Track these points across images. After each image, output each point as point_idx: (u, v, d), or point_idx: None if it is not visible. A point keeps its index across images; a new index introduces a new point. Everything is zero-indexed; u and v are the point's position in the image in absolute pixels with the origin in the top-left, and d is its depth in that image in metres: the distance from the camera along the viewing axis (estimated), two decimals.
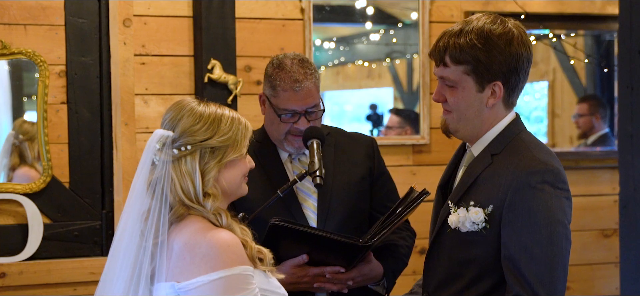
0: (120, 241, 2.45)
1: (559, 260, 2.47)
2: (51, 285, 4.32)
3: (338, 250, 3.02)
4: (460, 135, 2.65)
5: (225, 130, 2.45)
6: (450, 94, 2.60)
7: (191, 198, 2.41)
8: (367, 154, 3.38)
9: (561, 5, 5.20)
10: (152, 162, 2.44)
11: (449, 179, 2.73)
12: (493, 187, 2.51)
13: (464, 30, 2.56)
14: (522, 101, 8.98)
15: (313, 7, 4.79)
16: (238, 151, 2.48)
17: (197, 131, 2.43)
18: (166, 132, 2.44)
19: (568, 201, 2.52)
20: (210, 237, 2.36)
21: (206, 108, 2.47)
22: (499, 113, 2.61)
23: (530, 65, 2.59)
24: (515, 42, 2.55)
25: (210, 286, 2.32)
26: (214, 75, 4.49)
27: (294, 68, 3.19)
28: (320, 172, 3.09)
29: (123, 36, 4.40)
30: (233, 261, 2.35)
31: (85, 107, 4.41)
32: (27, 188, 4.32)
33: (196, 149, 2.42)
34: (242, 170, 2.52)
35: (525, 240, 2.46)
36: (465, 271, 2.57)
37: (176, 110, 2.47)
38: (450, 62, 2.57)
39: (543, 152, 2.54)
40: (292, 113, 3.19)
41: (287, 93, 3.17)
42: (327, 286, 3.07)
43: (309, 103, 3.19)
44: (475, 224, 2.52)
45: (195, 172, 2.41)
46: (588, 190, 5.32)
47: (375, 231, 3.02)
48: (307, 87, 3.18)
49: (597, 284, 5.31)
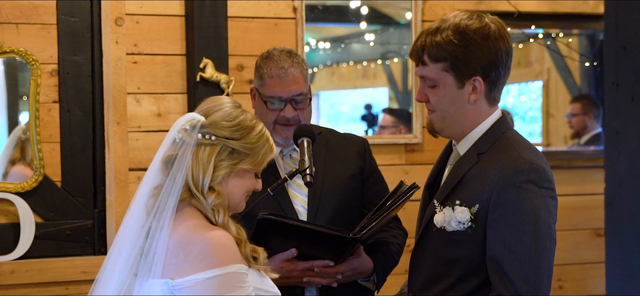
0: (131, 213, 2.47)
1: (544, 259, 2.47)
2: (43, 284, 4.32)
3: (327, 244, 3.03)
4: (446, 133, 2.65)
5: (253, 140, 2.49)
6: (432, 93, 2.61)
7: (198, 186, 2.44)
8: (359, 153, 3.39)
9: (554, 5, 5.20)
10: (173, 139, 2.46)
11: (436, 178, 2.74)
12: (479, 186, 2.51)
13: (441, 27, 2.57)
14: (518, 101, 8.98)
15: (305, 6, 4.79)
16: (254, 164, 2.51)
17: (227, 128, 2.46)
18: (198, 116, 2.47)
19: (553, 200, 2.52)
20: (206, 235, 2.37)
21: (242, 114, 2.51)
22: (483, 109, 2.61)
23: (510, 59, 2.60)
24: (491, 37, 2.56)
25: (204, 285, 2.33)
26: (206, 74, 4.50)
27: (281, 57, 3.26)
28: (311, 170, 3.11)
29: (115, 35, 4.41)
30: (228, 259, 2.36)
31: (77, 106, 4.41)
32: (19, 187, 4.32)
33: (219, 143, 2.45)
34: (248, 185, 2.54)
35: (509, 239, 2.45)
36: (451, 270, 2.57)
37: (214, 103, 2.52)
38: (428, 61, 2.58)
39: (529, 151, 2.54)
40: (278, 100, 3.23)
41: (273, 80, 3.23)
42: (316, 281, 3.08)
43: (294, 91, 3.23)
44: (460, 223, 2.52)
45: (210, 164, 2.44)
46: (580, 189, 5.33)
47: (364, 224, 3.04)
48: (293, 73, 3.23)
49: (590, 283, 5.31)
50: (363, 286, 3.26)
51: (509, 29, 5.22)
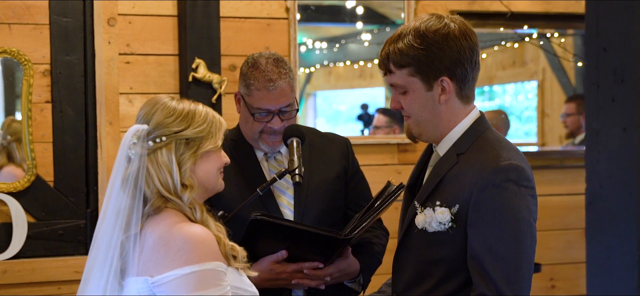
0: (99, 239, 2.48)
1: (524, 258, 2.47)
2: (35, 284, 4.33)
3: (317, 245, 3.04)
4: (424, 137, 2.67)
5: (200, 122, 2.50)
6: (404, 99, 2.63)
7: (170, 189, 2.45)
8: (342, 153, 3.40)
9: (547, 5, 5.20)
10: (127, 157, 2.47)
11: (417, 179, 2.75)
12: (459, 186, 2.52)
13: (402, 33, 2.61)
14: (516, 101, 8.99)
15: (298, 6, 4.79)
16: (213, 142, 2.52)
17: (171, 123, 2.47)
18: (141, 125, 2.49)
19: (533, 199, 2.53)
20: (185, 232, 2.38)
21: (179, 104, 2.53)
22: (457, 109, 2.62)
23: (476, 55, 2.61)
24: (451, 36, 2.57)
25: (182, 280, 2.34)
26: (198, 74, 4.50)
27: (268, 67, 3.20)
28: (300, 170, 3.12)
29: (108, 35, 4.42)
30: (207, 256, 2.38)
31: (69, 106, 4.42)
32: (11, 187, 4.33)
33: (171, 140, 2.46)
34: (217, 164, 2.56)
35: (490, 238, 2.46)
36: (434, 270, 2.57)
37: (150, 106, 2.52)
38: (394, 68, 2.61)
39: (507, 150, 2.54)
40: (266, 112, 3.20)
41: (260, 93, 3.19)
42: (304, 283, 3.09)
43: (282, 103, 3.21)
44: (441, 224, 2.53)
45: (172, 164, 2.45)
46: (574, 188, 5.33)
47: (355, 224, 3.04)
48: (281, 86, 3.19)
49: (582, 283, 5.31)
50: (348, 287, 3.27)
51: (502, 29, 5.26)
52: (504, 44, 6.11)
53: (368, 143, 4.89)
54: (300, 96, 8.68)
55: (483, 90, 8.97)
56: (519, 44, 5.98)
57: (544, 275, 5.19)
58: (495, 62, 7.26)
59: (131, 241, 2.42)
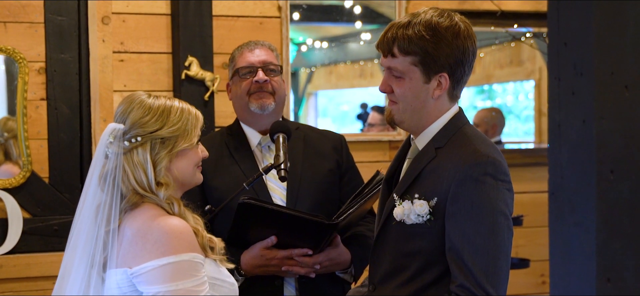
0: (77, 234, 2.52)
1: (502, 250, 2.50)
2: (31, 279, 4.38)
3: (306, 231, 3.08)
4: (405, 126, 2.68)
5: (175, 121, 2.52)
6: (397, 85, 2.63)
7: (144, 187, 2.48)
8: (335, 148, 3.45)
9: (537, 4, 5.22)
10: (105, 155, 2.51)
11: (395, 172, 2.76)
12: (437, 179, 2.55)
13: (412, 22, 2.59)
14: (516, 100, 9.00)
15: (290, 5, 4.84)
16: (188, 141, 2.54)
17: (147, 123, 2.50)
18: (117, 125, 2.51)
19: (510, 193, 2.55)
20: (163, 224, 2.42)
21: (155, 101, 2.54)
22: (444, 105, 2.65)
23: (474, 59, 2.63)
24: (461, 35, 2.59)
25: (159, 271, 2.38)
26: (191, 71, 4.55)
27: (251, 41, 3.48)
28: (286, 165, 3.16)
29: (102, 33, 4.46)
30: (184, 247, 2.41)
31: (64, 104, 4.47)
32: (6, 183, 4.37)
33: (146, 140, 2.49)
34: (193, 160, 2.58)
35: (468, 231, 2.49)
36: (411, 262, 2.60)
37: (126, 104, 2.55)
38: (398, 53, 2.60)
39: (485, 145, 2.57)
40: (249, 67, 3.38)
41: (243, 55, 3.42)
42: (294, 270, 3.13)
43: (264, 58, 3.40)
44: (420, 216, 2.55)
45: (147, 163, 2.48)
46: None
47: (342, 211, 3.10)
48: (262, 45, 3.45)
49: None
50: (340, 278, 3.31)
51: (492, 28, 5.28)
52: (499, 43, 6.15)
53: (360, 141, 4.93)
54: (301, 96, 8.73)
55: (482, 89, 9.00)
56: (516, 44, 6.01)
57: (535, 271, 5.22)
58: (493, 61, 7.30)
59: (110, 236, 2.46)
